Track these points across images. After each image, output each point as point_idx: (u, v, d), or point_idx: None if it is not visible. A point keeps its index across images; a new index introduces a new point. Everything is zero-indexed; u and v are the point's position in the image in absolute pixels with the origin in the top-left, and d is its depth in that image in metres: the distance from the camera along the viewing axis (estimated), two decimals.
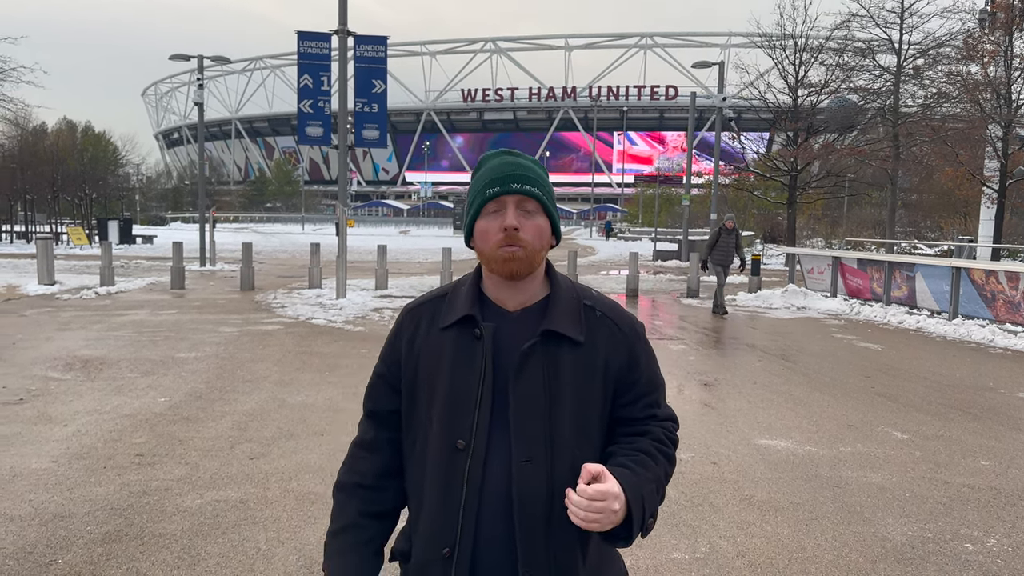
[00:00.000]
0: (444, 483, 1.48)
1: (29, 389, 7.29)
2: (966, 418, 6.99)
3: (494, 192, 1.50)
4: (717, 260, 14.52)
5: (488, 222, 1.51)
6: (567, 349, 1.51)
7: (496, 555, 1.46)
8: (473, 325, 1.52)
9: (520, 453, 1.46)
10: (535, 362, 1.48)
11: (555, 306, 1.53)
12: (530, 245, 1.49)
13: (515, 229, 1.47)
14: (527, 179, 1.51)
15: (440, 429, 1.50)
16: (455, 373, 1.50)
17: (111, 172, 53.80)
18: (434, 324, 1.57)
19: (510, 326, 1.52)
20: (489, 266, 1.53)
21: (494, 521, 1.46)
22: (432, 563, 1.49)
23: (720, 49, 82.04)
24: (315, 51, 15.68)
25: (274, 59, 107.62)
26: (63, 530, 4.11)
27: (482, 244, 1.52)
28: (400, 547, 1.62)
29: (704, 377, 8.54)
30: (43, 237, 17.05)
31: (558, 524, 1.46)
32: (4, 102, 28.68)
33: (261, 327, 11.63)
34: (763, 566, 3.88)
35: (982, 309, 13.16)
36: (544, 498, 1.45)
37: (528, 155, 1.60)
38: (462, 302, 1.55)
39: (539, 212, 1.52)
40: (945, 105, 25.71)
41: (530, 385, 1.47)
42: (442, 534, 1.48)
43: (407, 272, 23.09)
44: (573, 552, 1.49)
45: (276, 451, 5.55)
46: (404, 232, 63.16)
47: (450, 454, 1.48)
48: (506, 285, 1.54)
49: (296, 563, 3.80)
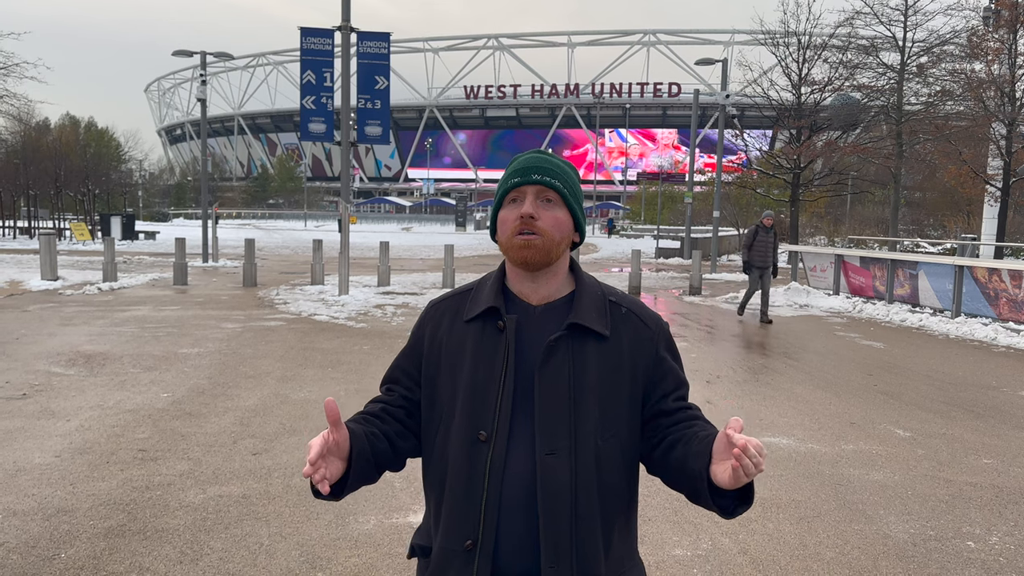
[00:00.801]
0: (466, 474, 1.48)
1: (32, 384, 7.30)
2: (968, 416, 6.98)
3: (515, 182, 1.52)
4: (756, 262, 13.33)
5: (508, 211, 1.53)
6: (592, 343, 1.51)
7: (519, 547, 1.46)
8: (497, 317, 1.53)
9: (544, 446, 1.46)
10: (561, 355, 1.49)
11: (581, 301, 1.54)
12: (547, 234, 1.49)
13: (531, 217, 1.48)
14: (549, 171, 1.52)
15: (462, 420, 1.50)
16: (477, 364, 1.51)
17: (114, 168, 53.92)
18: (458, 318, 1.58)
19: (533, 320, 1.53)
20: (507, 255, 1.54)
21: (517, 513, 1.45)
22: (454, 555, 1.48)
23: (723, 46, 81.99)
24: (318, 47, 15.68)
25: (277, 55, 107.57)
26: (66, 524, 4.12)
27: (501, 233, 1.54)
28: (419, 542, 1.61)
29: (706, 374, 8.54)
30: (46, 233, 17.05)
31: (582, 517, 1.46)
32: (8, 98, 28.76)
33: (264, 323, 11.65)
34: (765, 563, 3.88)
35: (985, 307, 13.14)
36: (568, 491, 1.45)
37: (558, 156, 1.60)
38: (486, 295, 1.56)
39: (559, 204, 1.53)
40: (949, 103, 25.63)
41: (555, 377, 1.48)
42: (464, 526, 1.47)
43: (409, 269, 23.09)
44: (596, 545, 1.49)
45: (278, 447, 5.56)
46: (406, 229, 63.17)
47: (472, 446, 1.48)
48: (528, 278, 1.55)
49: (298, 558, 3.81)
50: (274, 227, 62.09)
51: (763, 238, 13.19)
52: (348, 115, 15.79)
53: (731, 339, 11.37)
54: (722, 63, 26.32)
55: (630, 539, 1.60)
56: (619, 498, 1.54)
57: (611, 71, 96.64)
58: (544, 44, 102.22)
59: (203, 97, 24.01)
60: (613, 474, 1.51)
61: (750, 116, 33.11)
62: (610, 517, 1.51)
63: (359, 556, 3.85)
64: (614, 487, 1.52)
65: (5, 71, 27.50)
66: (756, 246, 13.26)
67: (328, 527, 4.18)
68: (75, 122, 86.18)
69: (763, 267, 13.27)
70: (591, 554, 1.48)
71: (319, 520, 4.27)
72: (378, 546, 3.97)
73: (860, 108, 27.19)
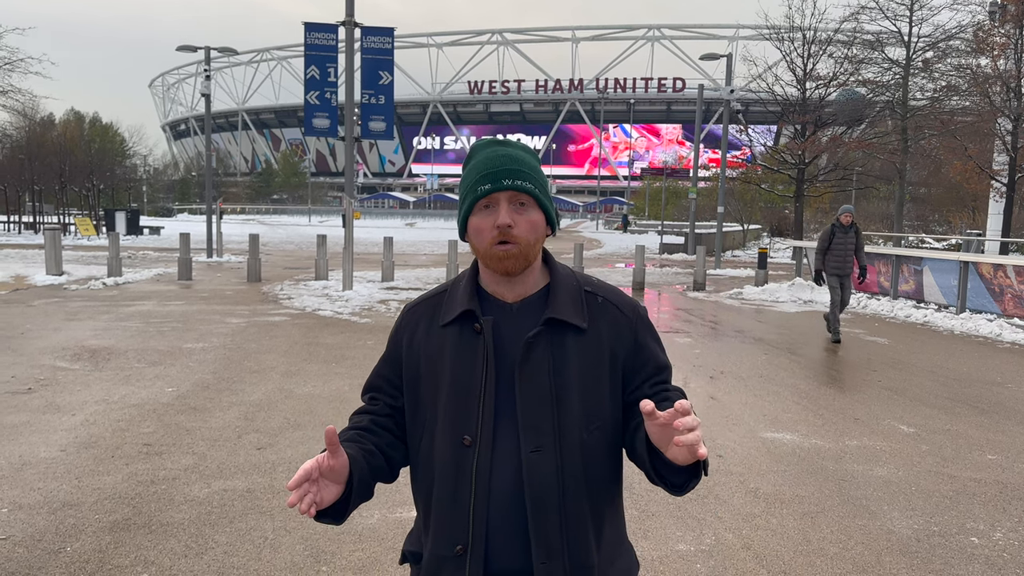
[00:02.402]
0: (453, 480, 1.48)
1: (37, 379, 7.33)
2: (973, 412, 6.97)
3: (486, 189, 1.47)
4: (833, 268, 10.86)
5: (481, 219, 1.49)
6: (571, 337, 1.50)
7: (510, 548, 1.45)
8: (473, 320, 1.51)
9: (529, 443, 1.45)
10: (540, 352, 1.48)
11: (556, 294, 1.53)
12: (524, 241, 1.47)
13: (508, 227, 1.46)
14: (519, 173, 1.48)
15: (445, 426, 1.49)
16: (457, 369, 1.50)
17: (118, 163, 54.06)
18: (434, 322, 1.56)
19: (510, 318, 1.51)
20: (484, 263, 1.52)
21: (506, 514, 1.45)
22: (445, 561, 1.48)
23: (728, 41, 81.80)
24: (322, 42, 15.67)
25: (281, 51, 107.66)
26: (72, 518, 4.14)
27: (476, 242, 1.50)
28: (410, 548, 1.61)
29: (710, 370, 8.53)
30: (51, 228, 17.11)
31: (571, 511, 1.46)
32: (13, 93, 28.80)
33: (268, 318, 11.67)
34: (768, 558, 3.88)
35: (990, 303, 13.10)
36: (555, 486, 1.45)
37: (518, 143, 1.56)
38: (460, 298, 1.54)
39: (533, 206, 1.50)
40: (954, 98, 25.53)
41: (536, 374, 1.47)
42: (454, 531, 1.47)
43: (413, 264, 23.10)
44: (588, 537, 1.49)
45: (283, 441, 5.58)
46: (410, 224, 63.15)
47: (457, 450, 1.48)
48: (504, 280, 1.53)
49: (303, 552, 3.82)
50: (278, 222, 62.14)
51: (841, 239, 10.80)
52: (352, 110, 15.78)
53: (735, 335, 11.35)
54: (727, 58, 26.24)
55: (619, 525, 1.60)
56: (606, 488, 1.54)
57: (615, 66, 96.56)
58: (548, 39, 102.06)
59: (207, 92, 24.04)
60: (599, 466, 1.51)
61: (755, 111, 32.99)
62: (599, 508, 1.52)
63: (363, 551, 3.87)
64: (601, 478, 1.52)
65: (10, 66, 27.56)
66: (834, 249, 10.86)
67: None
68: (80, 117, 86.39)
69: (842, 274, 10.87)
70: (583, 547, 1.48)
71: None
72: (382, 540, 3.98)
73: (865, 103, 27.11)
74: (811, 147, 26.16)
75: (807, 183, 27.48)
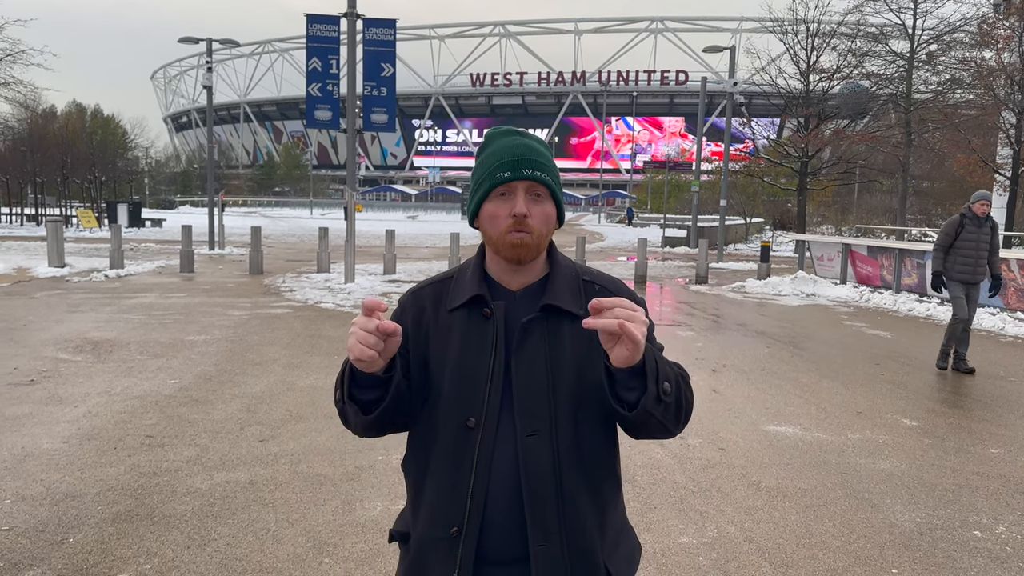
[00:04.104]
0: (453, 461, 1.48)
1: (40, 370, 7.34)
2: (975, 406, 6.97)
3: (505, 177, 1.49)
4: (959, 272, 8.29)
5: (497, 206, 1.51)
6: (567, 323, 1.52)
7: (506, 534, 1.46)
8: (483, 305, 1.52)
9: (525, 427, 1.46)
10: (536, 336, 1.50)
11: (554, 282, 1.55)
12: (538, 231, 1.50)
13: (525, 216, 1.48)
14: (538, 164, 1.51)
15: (450, 407, 1.50)
16: (466, 352, 1.51)
17: (120, 155, 54.01)
18: (441, 306, 1.57)
19: (513, 305, 1.53)
20: (496, 250, 1.53)
21: (504, 499, 1.46)
22: (439, 542, 1.48)
23: (731, 34, 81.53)
24: (324, 34, 15.62)
25: (283, 42, 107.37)
26: (74, 510, 4.15)
27: (490, 228, 1.52)
28: (400, 528, 1.61)
29: (712, 363, 8.53)
30: (53, 220, 17.11)
31: (568, 494, 1.47)
32: (14, 84, 28.80)
33: (270, 310, 11.67)
34: (770, 551, 3.88)
35: (993, 297, 13.06)
36: (551, 470, 1.46)
37: (534, 136, 1.58)
38: (469, 283, 1.55)
39: (547, 198, 1.52)
40: (958, 91, 25.48)
41: (531, 359, 1.49)
42: (450, 512, 1.47)
43: (415, 257, 23.09)
44: (588, 521, 1.49)
45: (285, 433, 5.58)
46: (412, 217, 63.14)
47: (460, 432, 1.48)
48: (512, 268, 1.55)
49: (305, 544, 3.82)
50: (280, 215, 62.15)
51: (973, 235, 8.22)
52: (354, 102, 15.75)
53: (737, 328, 11.34)
54: (730, 51, 26.14)
55: (620, 509, 1.61)
56: (604, 474, 1.54)
57: (618, 58, 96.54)
58: (551, 31, 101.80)
59: (209, 84, 23.99)
60: (596, 449, 1.52)
61: (758, 104, 32.94)
62: (598, 492, 1.52)
63: (365, 542, 3.87)
64: (598, 464, 1.53)
65: (11, 58, 27.57)
66: (960, 247, 8.25)
67: (335, 513, 4.20)
68: (81, 109, 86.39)
69: (971, 282, 8.34)
70: (583, 531, 1.48)
71: (326, 506, 4.28)
72: (384, 532, 3.98)
73: (869, 96, 27.07)
74: (814, 140, 26.12)
75: (810, 176, 27.45)
